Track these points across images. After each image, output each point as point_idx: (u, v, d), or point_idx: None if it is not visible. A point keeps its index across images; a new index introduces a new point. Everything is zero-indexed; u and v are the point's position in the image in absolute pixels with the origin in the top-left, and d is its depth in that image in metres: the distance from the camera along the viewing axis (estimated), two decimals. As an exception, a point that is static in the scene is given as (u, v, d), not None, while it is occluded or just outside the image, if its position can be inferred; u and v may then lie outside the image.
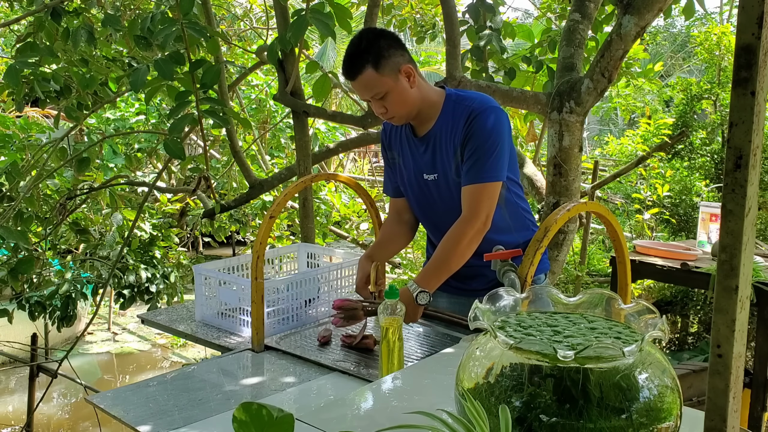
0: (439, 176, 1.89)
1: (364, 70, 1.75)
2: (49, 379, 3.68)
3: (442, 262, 1.80)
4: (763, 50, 0.63)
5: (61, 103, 3.26)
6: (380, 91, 1.77)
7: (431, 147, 1.88)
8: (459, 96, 1.87)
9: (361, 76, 1.76)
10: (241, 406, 0.70)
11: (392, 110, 1.81)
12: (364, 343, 1.85)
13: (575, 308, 1.08)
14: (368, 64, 1.75)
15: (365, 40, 1.77)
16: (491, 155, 1.78)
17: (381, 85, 1.76)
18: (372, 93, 1.78)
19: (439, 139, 1.86)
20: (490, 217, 1.80)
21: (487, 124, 1.78)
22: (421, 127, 1.91)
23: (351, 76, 1.78)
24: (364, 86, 1.78)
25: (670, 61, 15.86)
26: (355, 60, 1.76)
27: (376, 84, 1.76)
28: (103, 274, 4.08)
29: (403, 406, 1.28)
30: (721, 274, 0.67)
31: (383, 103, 1.79)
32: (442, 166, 1.87)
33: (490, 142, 1.78)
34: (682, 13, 3.29)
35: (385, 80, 1.76)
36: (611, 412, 0.84)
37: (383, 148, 2.06)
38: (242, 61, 5.73)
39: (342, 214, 5.57)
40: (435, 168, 1.89)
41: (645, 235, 5.21)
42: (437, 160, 1.88)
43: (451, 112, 1.85)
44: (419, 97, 1.83)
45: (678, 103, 5.86)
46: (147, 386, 1.64)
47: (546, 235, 1.46)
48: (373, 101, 1.80)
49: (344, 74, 1.81)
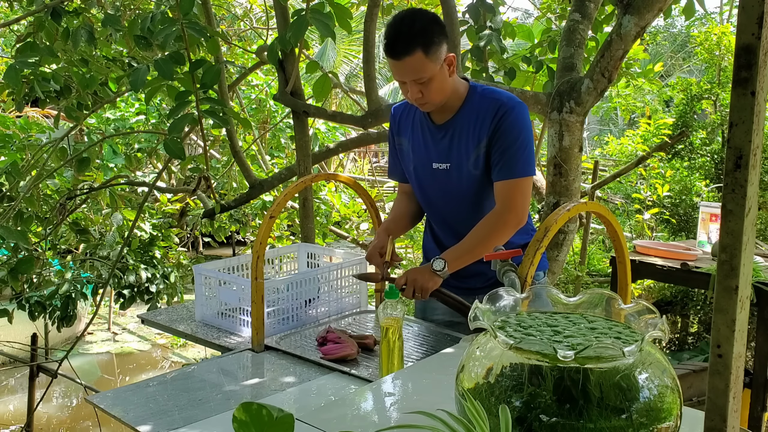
0: (451, 166, 1.86)
1: (413, 52, 1.70)
2: (49, 379, 3.68)
3: (469, 246, 1.78)
4: (763, 50, 0.63)
5: (61, 103, 3.26)
6: (424, 76, 1.73)
7: (449, 136, 1.86)
8: (485, 90, 1.87)
9: (409, 58, 1.71)
10: (241, 406, 0.70)
11: (428, 96, 1.77)
12: (365, 343, 1.85)
13: (575, 308, 1.08)
14: (419, 47, 1.70)
15: (419, 22, 1.72)
16: (524, 150, 1.79)
17: (427, 70, 1.72)
18: (415, 77, 1.73)
19: (459, 129, 1.85)
20: (525, 211, 1.81)
21: (519, 120, 1.79)
22: (441, 115, 1.88)
23: (398, 55, 1.72)
24: (411, 69, 1.73)
25: (670, 61, 15.86)
26: (406, 40, 1.71)
27: (423, 68, 1.72)
28: (103, 274, 4.08)
29: (403, 406, 1.28)
30: (721, 274, 0.67)
31: (422, 89, 1.75)
32: (458, 157, 1.85)
33: (522, 137, 1.79)
34: (682, 13, 3.29)
35: (431, 66, 1.73)
36: (611, 412, 0.84)
37: (391, 133, 2.03)
38: (242, 61, 5.73)
39: (342, 214, 5.57)
40: (449, 157, 1.87)
41: (645, 235, 5.21)
42: (454, 149, 1.86)
43: (476, 104, 1.84)
44: (452, 87, 1.82)
45: (678, 103, 5.86)
46: (147, 386, 1.64)
47: (546, 235, 1.46)
48: (410, 84, 1.76)
49: (389, 51, 1.74)
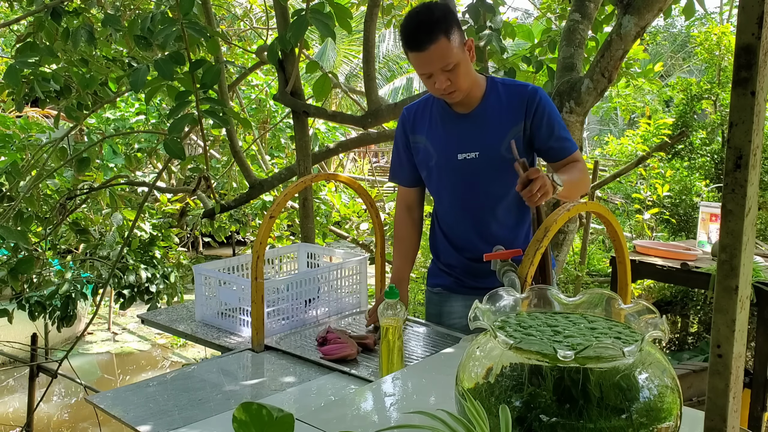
0: (480, 154, 1.87)
1: (437, 39, 1.71)
2: (49, 379, 3.68)
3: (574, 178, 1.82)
4: (763, 50, 0.63)
5: (61, 103, 3.26)
6: (451, 62, 1.74)
7: (478, 124, 1.88)
8: (504, 80, 1.92)
9: (434, 46, 1.71)
10: (241, 406, 0.70)
11: (457, 83, 1.78)
12: (365, 343, 1.85)
13: (575, 308, 1.08)
14: (442, 33, 1.71)
15: (437, 11, 1.73)
16: (566, 129, 1.90)
17: (452, 56, 1.73)
18: (443, 64, 1.73)
19: (489, 117, 1.87)
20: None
21: (549, 101, 1.88)
22: (465, 105, 1.89)
23: (422, 45, 1.72)
24: (438, 56, 1.73)
25: (670, 61, 15.87)
26: (428, 29, 1.71)
27: (449, 54, 1.73)
28: (103, 274, 4.08)
29: (403, 406, 1.28)
30: (721, 274, 0.67)
31: (449, 76, 1.76)
32: (489, 143, 1.86)
33: (559, 117, 1.89)
34: (682, 13, 3.29)
35: (455, 51, 1.74)
36: (611, 412, 0.84)
37: (403, 133, 2.00)
38: (242, 61, 5.73)
39: (342, 214, 5.57)
40: (478, 145, 1.87)
41: (645, 235, 5.21)
42: (483, 137, 1.87)
43: (501, 93, 1.88)
44: (474, 74, 1.85)
45: (678, 103, 5.86)
46: (147, 386, 1.64)
47: (546, 235, 1.45)
48: (438, 74, 1.76)
49: (411, 44, 1.74)
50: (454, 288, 2.03)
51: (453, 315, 2.05)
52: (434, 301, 2.10)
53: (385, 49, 15.77)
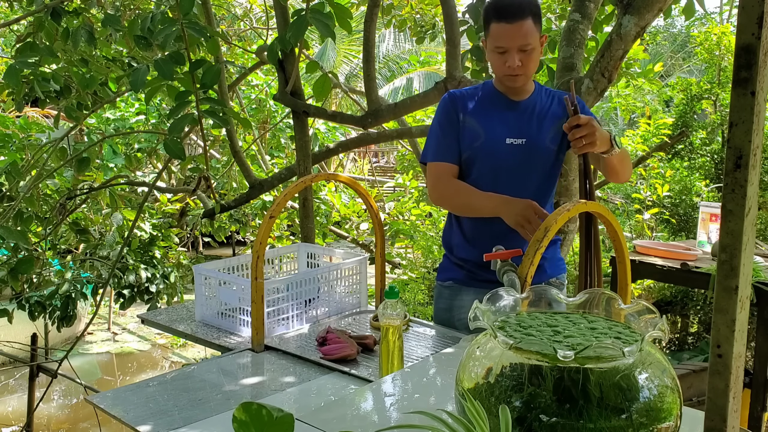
0: (526, 142, 1.93)
1: (527, 18, 1.81)
2: (49, 379, 3.68)
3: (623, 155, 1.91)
4: (763, 50, 0.63)
5: (61, 103, 3.25)
6: (530, 44, 1.83)
7: (529, 112, 1.96)
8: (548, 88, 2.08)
9: (522, 22, 1.81)
10: (241, 406, 0.70)
11: (527, 67, 1.86)
12: (365, 343, 1.85)
13: (575, 308, 1.08)
14: (530, 15, 1.81)
15: None
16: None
17: (534, 39, 1.83)
18: (524, 42, 1.82)
19: (539, 108, 1.97)
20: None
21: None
22: (518, 94, 1.97)
23: (512, 18, 1.81)
24: (522, 33, 1.81)
25: (670, 61, 15.87)
26: (520, 6, 1.81)
27: (532, 36, 1.82)
28: (103, 274, 4.08)
29: (403, 406, 1.28)
30: (721, 274, 0.67)
31: (523, 57, 1.84)
32: (537, 132, 1.94)
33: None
34: (682, 13, 3.29)
35: (536, 36, 1.84)
36: (611, 412, 0.84)
37: (453, 111, 1.99)
38: (242, 61, 5.73)
39: (342, 214, 5.57)
40: (525, 133, 1.93)
41: (645, 235, 5.21)
42: (531, 126, 1.94)
43: (545, 90, 2.02)
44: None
45: (678, 103, 5.86)
46: (147, 386, 1.64)
47: (546, 235, 1.45)
48: (513, 52, 1.83)
49: (500, 14, 1.82)
50: (466, 281, 2.04)
51: (464, 309, 2.04)
52: (445, 295, 2.10)
53: (385, 49, 15.76)
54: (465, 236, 2.02)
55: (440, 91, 3.02)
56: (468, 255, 2.02)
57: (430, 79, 13.25)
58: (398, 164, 7.64)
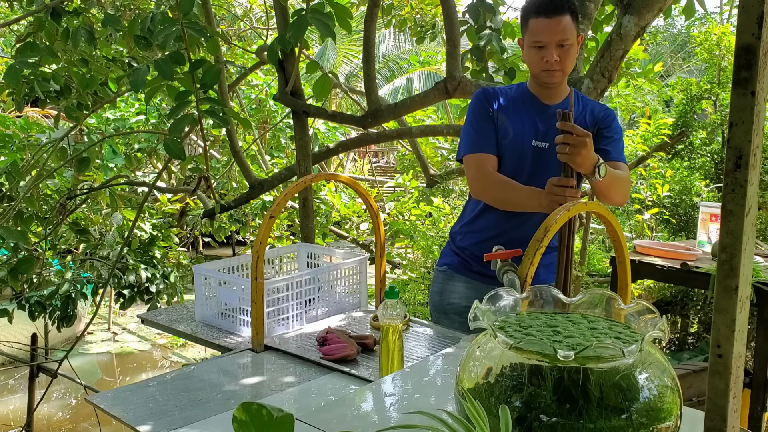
0: (550, 146, 1.91)
1: (566, 14, 1.83)
2: (49, 379, 3.68)
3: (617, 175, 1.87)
4: (763, 50, 0.63)
5: (61, 103, 3.25)
6: (569, 40, 1.84)
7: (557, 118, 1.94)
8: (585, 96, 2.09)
9: (562, 17, 1.83)
10: (241, 406, 0.70)
11: (565, 63, 1.87)
12: (365, 343, 1.85)
13: (575, 308, 1.08)
14: (568, 12, 1.84)
15: None
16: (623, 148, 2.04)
17: (573, 35, 1.85)
18: (563, 37, 1.83)
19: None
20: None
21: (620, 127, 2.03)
22: (552, 97, 1.98)
23: (551, 13, 1.82)
24: (561, 29, 1.83)
25: (670, 61, 15.87)
26: (561, 2, 1.83)
27: (571, 32, 1.84)
28: (103, 274, 4.08)
29: (403, 406, 1.28)
30: (721, 274, 0.67)
31: (561, 53, 1.85)
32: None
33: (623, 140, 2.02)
34: (682, 13, 3.29)
35: (574, 33, 1.86)
36: (611, 412, 0.84)
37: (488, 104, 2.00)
38: (242, 61, 5.73)
39: (342, 214, 5.57)
40: (551, 137, 1.90)
41: (645, 235, 5.21)
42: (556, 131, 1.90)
43: (580, 97, 2.02)
44: None
45: (678, 103, 5.86)
46: (147, 386, 1.64)
47: (546, 235, 1.45)
48: (552, 47, 1.84)
49: (540, 9, 1.83)
50: (459, 269, 2.09)
51: (453, 294, 2.11)
52: (438, 279, 2.17)
53: (385, 49, 15.76)
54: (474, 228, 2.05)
55: (440, 91, 3.02)
56: (467, 244, 2.07)
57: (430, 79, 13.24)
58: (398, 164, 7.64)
